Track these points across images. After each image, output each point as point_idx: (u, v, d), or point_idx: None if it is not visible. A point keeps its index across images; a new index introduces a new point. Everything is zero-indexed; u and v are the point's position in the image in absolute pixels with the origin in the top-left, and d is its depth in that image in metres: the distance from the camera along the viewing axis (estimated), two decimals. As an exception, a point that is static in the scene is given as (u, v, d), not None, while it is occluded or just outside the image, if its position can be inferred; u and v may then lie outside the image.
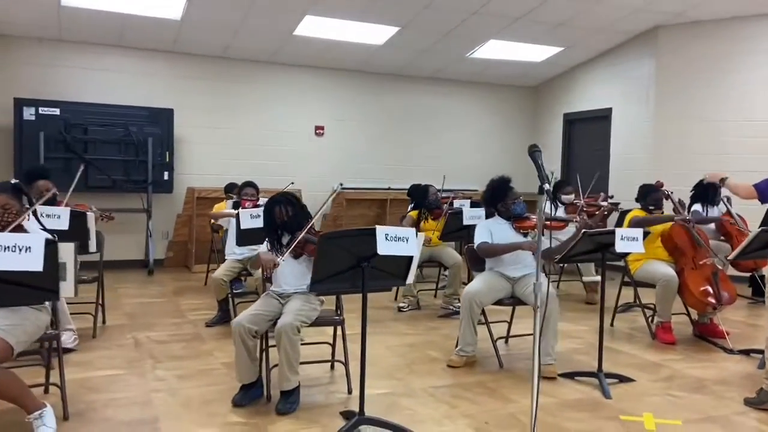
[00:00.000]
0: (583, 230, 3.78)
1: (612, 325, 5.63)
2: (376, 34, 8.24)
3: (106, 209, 8.00)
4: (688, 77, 8.39)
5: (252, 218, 4.84)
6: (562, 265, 7.22)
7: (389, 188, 9.67)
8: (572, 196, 7.17)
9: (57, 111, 7.75)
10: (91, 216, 4.43)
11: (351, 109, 9.65)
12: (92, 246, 4.48)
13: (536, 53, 9.27)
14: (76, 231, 4.31)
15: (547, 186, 2.81)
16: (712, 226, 7.13)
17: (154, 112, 8.23)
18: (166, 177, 8.32)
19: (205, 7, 7.24)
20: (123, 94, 8.24)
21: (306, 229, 3.68)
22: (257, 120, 9.07)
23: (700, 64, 8.32)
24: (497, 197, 4.57)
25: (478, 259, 4.60)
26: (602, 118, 9.49)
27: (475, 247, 4.51)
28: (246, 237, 4.95)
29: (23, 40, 7.84)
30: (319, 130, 9.46)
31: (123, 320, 5.46)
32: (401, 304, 6.13)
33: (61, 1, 6.96)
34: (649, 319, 5.34)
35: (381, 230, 3.04)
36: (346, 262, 3.06)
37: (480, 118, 10.59)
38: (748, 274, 7.13)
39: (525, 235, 4.49)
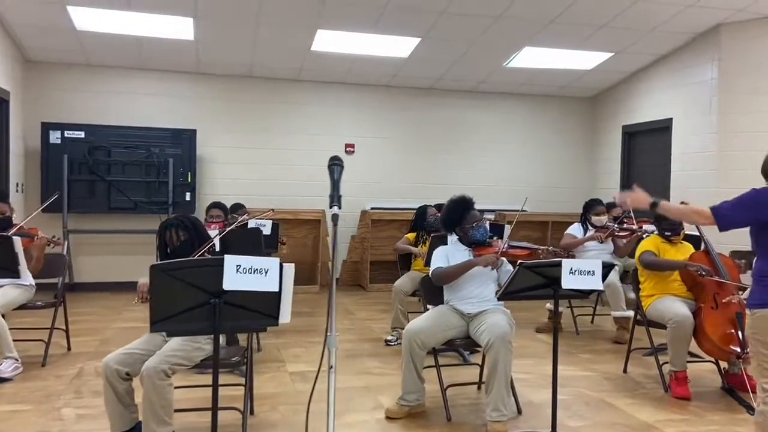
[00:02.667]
0: (519, 262, 3.11)
1: (625, 371, 4.78)
2: (398, 46, 7.79)
3: (126, 230, 8.10)
4: (756, 82, 7.27)
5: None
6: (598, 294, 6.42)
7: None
8: (604, 218, 6.31)
9: (82, 134, 7.87)
10: (17, 241, 4.24)
11: (383, 125, 9.22)
12: (23, 271, 4.28)
13: (584, 61, 8.43)
14: (1, 256, 4.13)
15: (335, 209, 2.22)
16: None
17: (176, 133, 8.19)
18: (188, 198, 8.24)
19: (213, 27, 7.11)
20: (147, 116, 8.27)
21: (197, 255, 3.26)
22: (284, 139, 8.83)
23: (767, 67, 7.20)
24: (453, 220, 3.96)
25: (434, 291, 4.01)
26: (662, 129, 8.47)
27: (430, 274, 3.92)
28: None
29: (53, 66, 8.05)
30: (349, 148, 9.08)
31: (92, 347, 5.27)
32: (389, 337, 5.57)
33: (77, 26, 7.05)
34: (662, 367, 4.46)
35: (231, 261, 2.57)
36: (194, 297, 2.60)
37: (529, 132, 9.81)
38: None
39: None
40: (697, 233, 4.62)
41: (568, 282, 3.10)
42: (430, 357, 4.55)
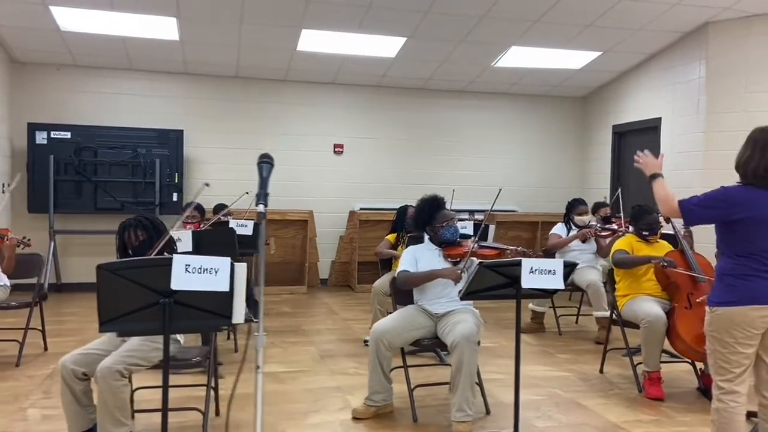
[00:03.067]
0: (479, 261, 3.08)
1: (602, 371, 4.75)
2: (385, 46, 7.76)
3: (112, 231, 8.06)
4: (743, 81, 7.23)
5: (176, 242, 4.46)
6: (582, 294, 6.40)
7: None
8: (587, 218, 6.29)
9: (68, 135, 7.87)
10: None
11: (372, 126, 9.19)
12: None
13: (573, 60, 8.40)
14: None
15: (261, 207, 2.21)
16: None
17: (163, 134, 8.18)
18: (175, 198, 8.22)
19: (197, 27, 7.10)
20: (134, 116, 8.26)
21: (153, 254, 3.23)
22: (272, 140, 8.80)
23: (757, 66, 7.15)
24: (423, 220, 3.94)
25: (403, 291, 3.98)
26: (652, 129, 8.42)
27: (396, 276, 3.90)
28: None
29: (42, 67, 8.04)
30: (338, 149, 9.06)
31: (70, 347, 5.24)
32: (367, 338, 5.53)
33: (61, 27, 7.04)
34: (636, 368, 4.42)
35: (179, 260, 2.55)
36: (143, 297, 2.58)
37: (520, 131, 9.78)
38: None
39: (455, 263, 3.81)
40: (672, 232, 4.59)
41: (528, 281, 3.07)
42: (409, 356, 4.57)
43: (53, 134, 7.83)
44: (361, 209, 8.93)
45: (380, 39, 7.58)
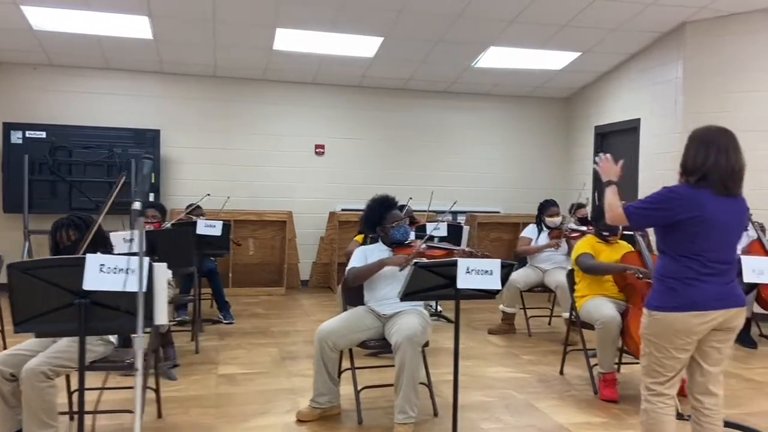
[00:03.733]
0: (414, 262, 3.04)
1: (561, 373, 4.69)
2: (362, 45, 7.73)
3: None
4: (720, 81, 7.17)
5: (125, 242, 4.41)
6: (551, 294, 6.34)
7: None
8: (558, 219, 6.24)
9: (43, 134, 7.84)
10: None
11: (354, 126, 9.15)
12: None
13: (553, 60, 8.35)
14: None
15: (137, 204, 2.17)
16: None
17: (140, 133, 8.15)
18: (152, 198, 8.15)
19: (170, 25, 7.07)
20: (111, 116, 8.23)
21: (82, 252, 3.18)
22: (251, 140, 8.77)
23: (734, 65, 7.09)
24: (373, 220, 3.89)
25: (353, 292, 3.93)
26: (632, 130, 8.37)
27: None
28: (125, 263, 4.52)
29: (17, 66, 8.02)
30: (319, 149, 9.02)
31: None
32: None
33: (33, 26, 7.02)
34: (593, 369, 4.36)
35: (93, 260, 2.51)
36: (58, 297, 2.54)
37: (503, 132, 9.73)
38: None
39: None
40: (631, 232, 4.54)
41: (464, 281, 3.02)
42: (370, 358, 4.54)
43: (28, 134, 7.80)
44: (342, 210, 8.88)
45: (357, 39, 7.55)
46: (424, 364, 3.88)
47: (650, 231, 5.97)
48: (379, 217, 3.87)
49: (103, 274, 2.51)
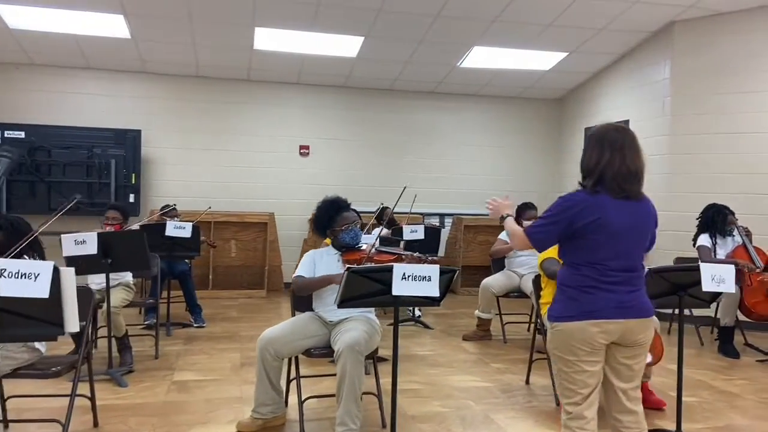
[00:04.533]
0: (347, 267, 2.89)
1: (527, 382, 4.53)
2: (344, 45, 7.60)
3: (67, 232, 7.96)
4: (708, 81, 6.98)
5: (77, 244, 4.31)
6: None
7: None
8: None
9: (22, 134, 7.77)
10: None
11: (339, 127, 9.02)
12: None
13: (540, 61, 8.18)
14: None
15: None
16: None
17: (120, 134, 8.06)
18: (132, 199, 8.09)
19: (146, 24, 6.98)
20: (92, 116, 8.16)
21: (10, 256, 3.07)
22: (236, 140, 8.67)
23: (723, 66, 6.90)
24: (323, 222, 3.76)
25: (302, 297, 3.79)
26: (620, 132, 8.17)
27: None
28: (77, 266, 4.40)
29: (-2, 65, 7.96)
30: (303, 150, 8.90)
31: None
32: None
33: (9, 25, 6.95)
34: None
35: (-4, 264, 2.39)
36: (-41, 303, 2.42)
37: (493, 134, 9.56)
38: None
39: (353, 270, 3.61)
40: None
41: (399, 288, 2.86)
42: (331, 366, 4.37)
43: (7, 134, 7.74)
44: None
45: (338, 38, 7.42)
46: (374, 372, 3.74)
47: None
48: (329, 220, 3.73)
49: (4, 279, 2.39)
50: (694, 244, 6.07)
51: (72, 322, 2.59)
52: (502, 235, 6.13)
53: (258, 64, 8.14)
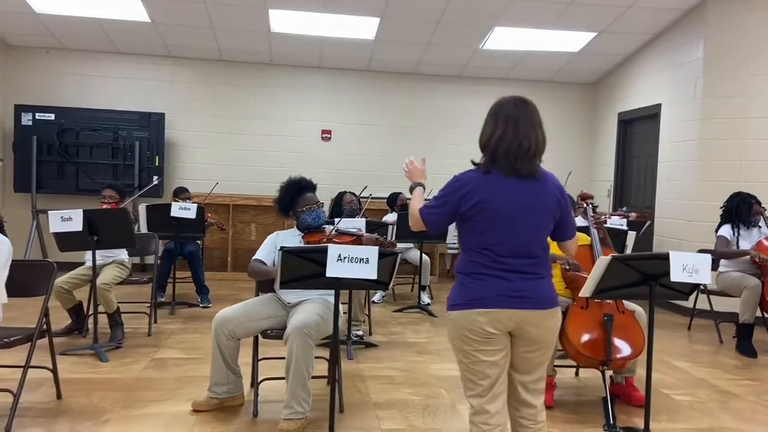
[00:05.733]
0: (280, 247, 2.81)
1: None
2: (361, 27, 7.50)
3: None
4: (743, 63, 6.53)
5: (63, 221, 4.39)
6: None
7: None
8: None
9: (52, 116, 8.03)
10: None
11: (362, 111, 8.93)
12: None
13: (568, 42, 7.86)
14: None
15: None
16: (746, 257, 5.48)
17: (144, 116, 8.21)
18: (155, 181, 8.23)
19: (164, 7, 7.06)
20: (118, 99, 8.35)
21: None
22: (258, 124, 8.71)
23: (759, 45, 6.44)
24: (285, 203, 3.69)
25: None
26: (652, 116, 7.78)
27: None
28: (65, 242, 4.52)
29: (30, 50, 8.23)
30: (325, 134, 8.86)
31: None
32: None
33: (35, 10, 7.16)
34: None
35: None
36: None
37: (522, 120, 9.24)
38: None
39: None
40: (586, 224, 4.14)
41: (333, 269, 2.76)
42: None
43: (38, 116, 8.01)
44: (361, 197, 8.67)
45: (354, 20, 7.33)
46: (333, 356, 3.66)
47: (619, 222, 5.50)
48: (291, 201, 3.67)
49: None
50: (716, 235, 5.72)
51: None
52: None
53: (278, 48, 8.13)
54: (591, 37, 7.65)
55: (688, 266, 3.00)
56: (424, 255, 6.83)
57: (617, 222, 6.59)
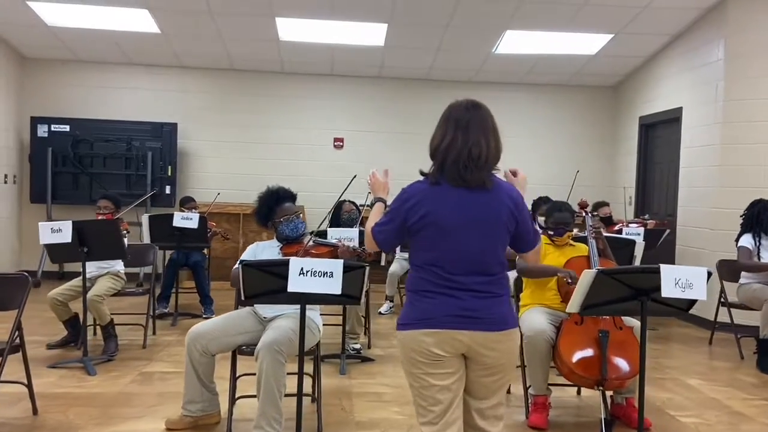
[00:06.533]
0: (240, 259, 2.70)
1: (509, 391, 4.15)
2: (369, 33, 7.39)
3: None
4: (765, 63, 6.22)
5: (53, 232, 4.35)
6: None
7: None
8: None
9: (67, 128, 8.10)
10: None
11: (374, 118, 8.81)
12: None
13: (584, 44, 7.62)
14: None
15: None
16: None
17: (157, 127, 8.23)
18: (168, 191, 8.27)
19: (172, 18, 7.07)
20: (131, 110, 8.39)
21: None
22: (268, 133, 8.66)
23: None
24: (264, 213, 3.58)
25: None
26: (673, 120, 7.48)
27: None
28: (56, 254, 4.49)
29: (46, 62, 8.34)
30: (338, 142, 8.76)
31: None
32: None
33: (47, 22, 7.24)
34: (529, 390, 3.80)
35: None
36: None
37: (540, 125, 9.01)
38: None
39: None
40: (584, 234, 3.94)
41: (295, 284, 2.64)
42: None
43: (53, 127, 8.09)
44: (361, 206, 8.56)
45: (362, 26, 7.24)
46: (315, 374, 3.53)
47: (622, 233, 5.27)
48: (269, 211, 3.55)
49: None
50: (736, 245, 5.43)
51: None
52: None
53: (289, 56, 8.08)
54: (607, 39, 7.40)
55: (681, 281, 2.79)
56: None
57: (634, 230, 6.32)
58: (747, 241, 5.31)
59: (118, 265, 5.07)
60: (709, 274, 2.83)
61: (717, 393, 4.30)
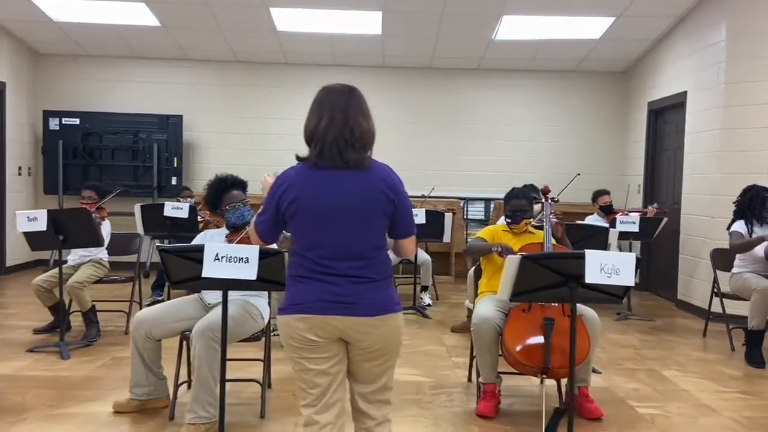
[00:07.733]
0: (157, 245, 2.72)
1: (470, 379, 4.12)
2: (365, 22, 7.37)
3: (116, 213, 8.48)
4: (766, 44, 5.96)
5: (29, 221, 4.48)
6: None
7: (423, 196, 8.48)
8: (537, 207, 5.49)
9: (77, 121, 8.33)
10: None
11: (378, 108, 8.44)
12: None
13: (586, 28, 7.44)
14: None
15: None
16: (759, 252, 5.00)
17: (163, 119, 8.39)
18: (174, 182, 8.42)
19: (168, 10, 7.17)
20: (139, 102, 8.56)
21: None
22: (274, 124, 8.70)
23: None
24: (212, 201, 3.62)
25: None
26: (679, 105, 7.24)
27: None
28: (34, 242, 4.62)
29: (57, 57, 8.58)
30: (342, 133, 8.75)
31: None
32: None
33: (52, 18, 7.44)
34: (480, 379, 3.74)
35: None
36: None
37: (547, 112, 8.86)
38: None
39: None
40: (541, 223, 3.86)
41: (210, 269, 2.66)
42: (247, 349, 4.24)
43: (64, 120, 8.33)
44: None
45: (357, 14, 7.21)
46: (265, 359, 3.56)
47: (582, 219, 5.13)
48: (216, 198, 3.59)
49: None
50: (728, 232, 5.23)
51: None
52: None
53: (289, 47, 8.11)
54: (609, 22, 7.20)
55: (606, 266, 2.71)
56: (424, 254, 6.63)
57: (628, 219, 6.16)
58: (740, 227, 5.12)
59: (101, 253, 5.20)
60: (638, 259, 2.74)
61: (689, 385, 4.16)
